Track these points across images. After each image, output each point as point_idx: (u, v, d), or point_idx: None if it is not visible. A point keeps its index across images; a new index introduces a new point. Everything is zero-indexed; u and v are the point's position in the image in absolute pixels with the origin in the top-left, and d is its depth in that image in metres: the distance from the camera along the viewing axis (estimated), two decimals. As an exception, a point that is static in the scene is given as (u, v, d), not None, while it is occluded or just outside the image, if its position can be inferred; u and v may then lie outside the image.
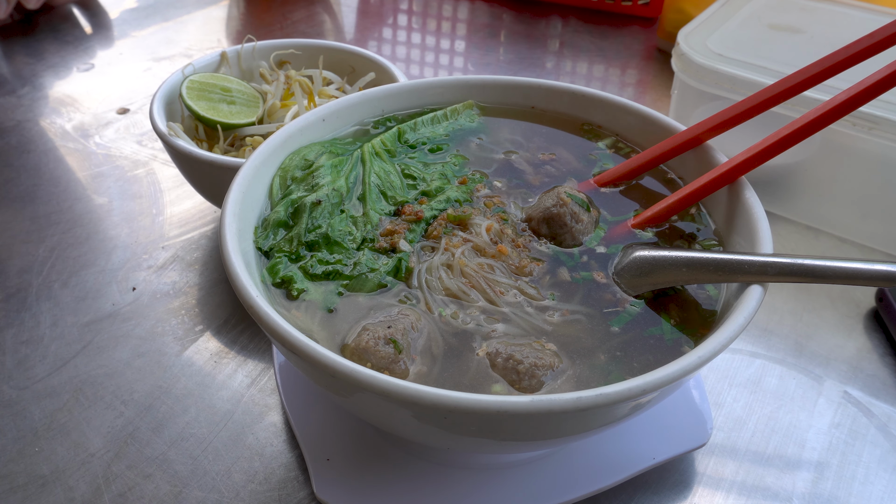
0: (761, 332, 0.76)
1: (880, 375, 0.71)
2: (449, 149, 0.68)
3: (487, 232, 0.57)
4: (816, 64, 0.55)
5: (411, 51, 1.39)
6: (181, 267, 0.83)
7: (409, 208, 0.60)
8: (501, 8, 1.51)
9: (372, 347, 0.48)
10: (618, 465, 0.58)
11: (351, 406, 0.49)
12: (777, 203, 0.91)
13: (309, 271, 0.55)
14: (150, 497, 0.59)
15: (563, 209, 0.58)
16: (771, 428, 0.66)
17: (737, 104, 0.60)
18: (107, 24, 1.44)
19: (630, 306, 0.53)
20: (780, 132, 0.55)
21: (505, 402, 0.41)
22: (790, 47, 0.92)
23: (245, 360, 0.72)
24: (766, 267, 0.46)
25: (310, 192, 0.60)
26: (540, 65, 1.30)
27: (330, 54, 0.96)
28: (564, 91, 0.71)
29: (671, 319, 0.52)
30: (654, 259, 0.52)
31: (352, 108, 0.69)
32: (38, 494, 0.60)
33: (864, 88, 0.51)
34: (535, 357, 0.48)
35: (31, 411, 0.67)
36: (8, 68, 1.26)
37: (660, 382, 0.42)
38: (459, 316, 0.52)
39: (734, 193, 0.57)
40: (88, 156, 1.04)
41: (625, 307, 0.53)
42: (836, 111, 0.52)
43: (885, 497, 0.61)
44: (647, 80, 1.26)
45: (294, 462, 0.62)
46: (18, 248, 0.86)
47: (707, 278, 0.49)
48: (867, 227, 0.86)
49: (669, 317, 0.52)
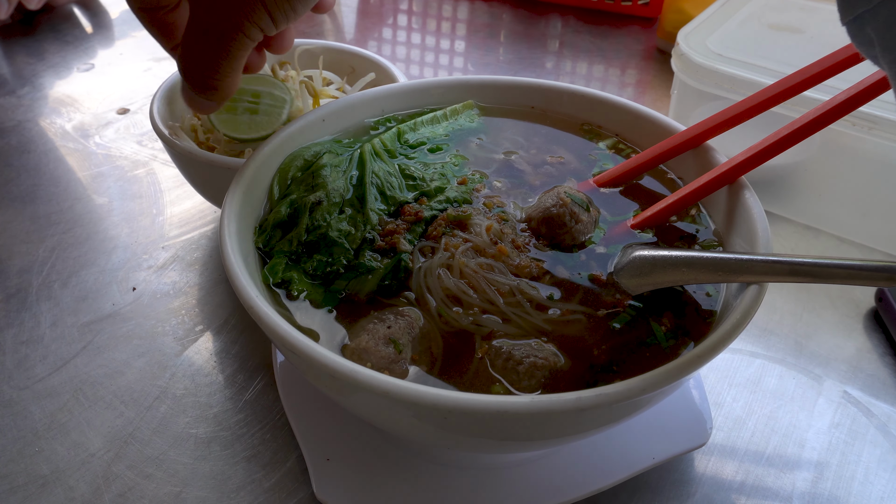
0: (761, 332, 0.76)
1: (880, 375, 0.71)
2: (449, 149, 0.68)
3: (487, 232, 0.57)
4: (816, 64, 0.55)
5: (411, 51, 1.39)
6: (181, 267, 0.83)
7: (408, 208, 0.60)
8: (501, 8, 1.51)
9: (372, 348, 0.48)
10: (617, 465, 0.58)
11: (351, 406, 0.49)
12: (777, 203, 0.91)
13: (309, 271, 0.55)
14: (150, 497, 0.59)
15: (563, 209, 0.58)
16: (770, 428, 0.66)
17: (736, 104, 0.60)
18: (107, 23, 1.44)
19: (630, 306, 0.53)
20: (779, 132, 0.55)
21: (505, 402, 0.41)
22: (790, 47, 0.92)
23: (245, 360, 0.72)
24: (765, 267, 0.46)
25: (310, 192, 0.60)
26: (540, 65, 1.30)
27: (330, 54, 0.96)
28: (564, 91, 0.72)
29: (670, 321, 0.52)
30: (653, 259, 0.52)
31: (352, 108, 0.69)
32: (38, 494, 0.60)
33: (863, 88, 0.51)
34: (534, 357, 0.48)
35: (31, 411, 0.67)
36: (8, 68, 1.27)
37: (659, 382, 0.42)
38: (459, 316, 0.52)
39: (734, 193, 0.57)
40: (88, 156, 1.04)
41: (625, 307, 0.53)
42: (836, 111, 0.52)
43: (885, 497, 0.61)
44: (646, 81, 1.26)
45: (294, 462, 0.62)
46: (18, 248, 0.86)
47: (707, 278, 0.49)
48: (867, 227, 0.86)
49: (669, 318, 0.52)
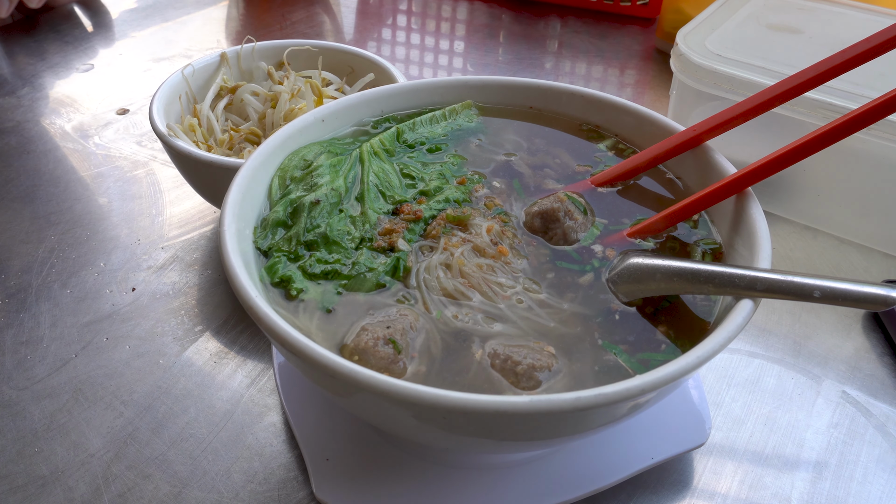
0: (760, 332, 0.76)
1: (878, 375, 0.71)
2: (447, 149, 0.68)
3: (488, 233, 0.57)
4: (814, 67, 0.55)
5: (410, 51, 1.39)
6: (181, 267, 0.83)
7: (407, 207, 0.60)
8: (500, 8, 1.51)
9: (371, 347, 0.48)
10: (616, 464, 0.58)
11: (350, 406, 0.49)
12: (776, 203, 0.91)
13: (308, 271, 0.55)
14: (150, 497, 0.60)
15: (559, 205, 0.58)
16: (769, 428, 0.66)
17: (735, 105, 0.60)
18: (108, 23, 1.44)
19: (628, 308, 0.53)
20: (790, 145, 0.53)
21: (504, 402, 0.41)
22: (789, 47, 0.92)
23: (245, 360, 0.72)
24: (755, 282, 0.46)
25: (308, 191, 0.60)
26: (539, 65, 1.31)
27: (329, 55, 0.96)
28: (563, 91, 0.72)
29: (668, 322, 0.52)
30: (647, 267, 0.52)
31: (351, 108, 0.69)
32: (38, 495, 0.60)
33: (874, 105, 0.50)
34: (532, 358, 0.48)
35: (30, 412, 0.67)
36: (9, 68, 1.27)
37: (658, 382, 0.42)
38: (458, 316, 0.52)
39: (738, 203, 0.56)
40: (88, 156, 1.04)
41: (623, 309, 0.53)
42: (854, 122, 0.51)
43: (884, 496, 0.61)
44: (645, 81, 1.26)
45: (293, 462, 0.62)
46: (18, 248, 0.86)
47: (698, 289, 0.49)
48: (866, 227, 0.86)
49: (666, 320, 0.52)
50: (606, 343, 0.50)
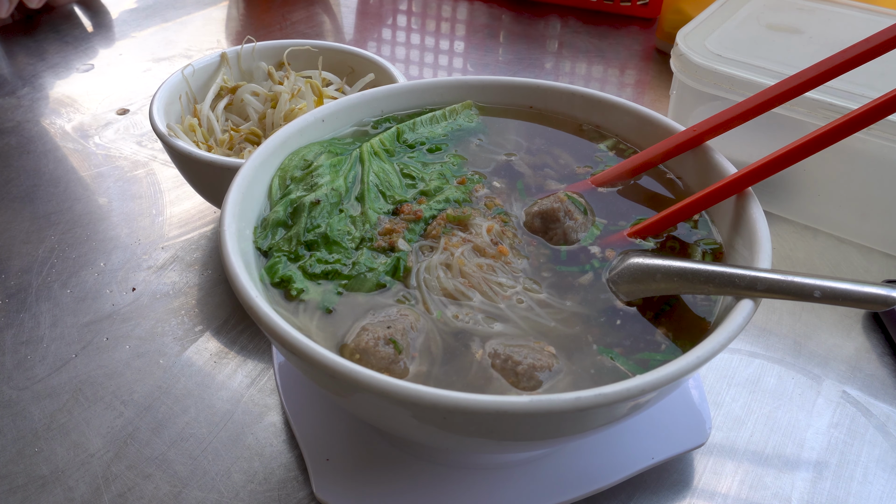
0: (760, 332, 0.76)
1: (879, 375, 0.71)
2: (447, 149, 0.68)
3: (488, 233, 0.57)
4: (814, 67, 0.55)
5: (410, 51, 1.39)
6: (181, 267, 0.83)
7: (407, 207, 0.60)
8: (500, 9, 1.51)
9: (371, 348, 0.48)
10: (616, 464, 0.58)
11: (350, 406, 0.49)
12: (776, 203, 0.91)
13: (308, 271, 0.55)
14: (150, 497, 0.60)
15: (559, 205, 0.58)
16: (770, 427, 0.66)
17: (735, 105, 0.60)
18: (108, 23, 1.44)
19: (629, 308, 0.53)
20: (791, 144, 0.54)
21: (504, 402, 0.41)
22: (789, 48, 0.93)
23: (245, 360, 0.72)
24: (755, 282, 0.46)
25: (309, 191, 0.60)
26: (539, 65, 1.31)
27: (329, 55, 0.96)
28: (563, 91, 0.72)
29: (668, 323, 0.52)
30: (647, 267, 0.52)
31: (351, 108, 0.69)
32: (38, 495, 0.60)
33: (875, 105, 0.50)
34: (533, 358, 0.48)
35: (30, 412, 0.67)
36: (9, 68, 1.27)
37: (658, 382, 0.42)
38: (458, 316, 0.52)
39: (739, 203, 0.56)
40: (88, 156, 1.04)
41: (624, 309, 0.53)
42: (855, 122, 0.51)
43: (884, 496, 0.61)
44: (645, 81, 1.26)
45: (294, 462, 0.62)
46: (18, 248, 0.86)
47: (698, 289, 0.49)
48: (866, 227, 0.86)
49: (666, 320, 0.52)
50: (606, 344, 0.50)
